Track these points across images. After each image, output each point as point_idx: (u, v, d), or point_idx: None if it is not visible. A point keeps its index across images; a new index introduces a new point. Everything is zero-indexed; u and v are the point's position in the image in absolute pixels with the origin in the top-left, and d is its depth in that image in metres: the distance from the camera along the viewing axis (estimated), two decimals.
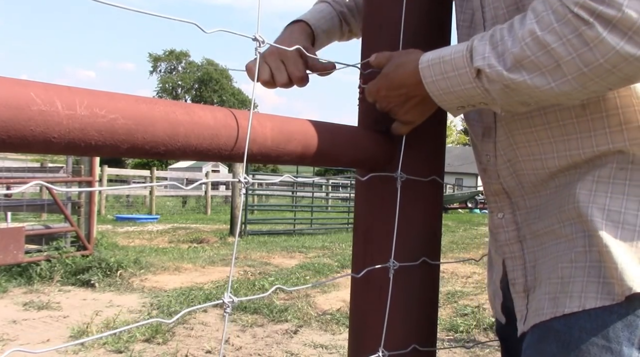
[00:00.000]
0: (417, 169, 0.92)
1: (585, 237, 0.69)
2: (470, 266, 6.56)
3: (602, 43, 0.55)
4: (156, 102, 0.63)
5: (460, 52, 0.69)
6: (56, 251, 5.23)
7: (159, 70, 61.10)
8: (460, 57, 0.68)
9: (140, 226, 10.96)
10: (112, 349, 3.18)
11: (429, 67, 0.72)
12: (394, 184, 0.91)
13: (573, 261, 0.70)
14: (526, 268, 0.80)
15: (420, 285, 0.94)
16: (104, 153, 0.60)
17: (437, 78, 0.71)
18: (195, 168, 30.73)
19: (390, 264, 0.89)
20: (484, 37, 0.67)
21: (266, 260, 6.46)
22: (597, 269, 0.67)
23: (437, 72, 0.71)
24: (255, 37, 0.71)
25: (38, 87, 0.52)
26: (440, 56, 0.71)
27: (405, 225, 0.92)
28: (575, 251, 0.70)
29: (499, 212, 0.85)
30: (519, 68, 0.62)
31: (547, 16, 0.58)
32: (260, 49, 0.71)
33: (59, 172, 6.75)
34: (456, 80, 0.69)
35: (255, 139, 0.72)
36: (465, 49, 0.68)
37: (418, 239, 0.94)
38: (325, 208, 14.36)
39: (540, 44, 0.59)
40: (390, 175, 0.90)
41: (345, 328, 3.68)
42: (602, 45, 0.55)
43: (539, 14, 0.60)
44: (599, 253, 0.67)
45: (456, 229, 12.31)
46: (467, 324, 3.83)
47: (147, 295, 4.54)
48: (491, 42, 0.65)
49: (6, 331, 3.47)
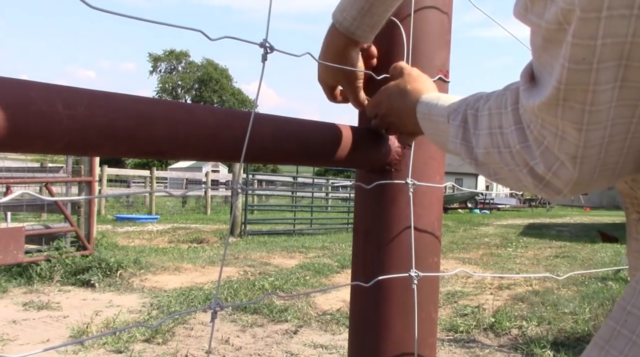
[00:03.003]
0: (417, 169, 0.92)
1: None
2: (470, 266, 6.56)
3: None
4: (156, 102, 0.63)
5: (442, 116, 0.68)
6: (56, 251, 5.22)
7: (159, 70, 61.09)
8: (443, 123, 0.68)
9: (140, 226, 10.96)
10: (112, 349, 3.18)
11: (423, 119, 0.73)
12: (393, 184, 0.91)
13: None
14: None
15: (420, 285, 0.94)
16: (104, 153, 0.60)
17: (430, 133, 0.72)
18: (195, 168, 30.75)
19: (413, 274, 0.89)
20: (458, 115, 0.64)
21: (266, 260, 6.46)
22: None
23: (428, 128, 0.72)
24: (262, 43, 0.70)
25: (38, 87, 0.52)
26: (430, 113, 0.71)
27: (406, 225, 0.92)
28: None
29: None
30: (483, 165, 0.61)
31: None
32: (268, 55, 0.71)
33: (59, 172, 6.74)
34: (442, 140, 0.69)
35: (255, 139, 0.72)
36: (446, 115, 0.67)
37: (419, 239, 0.94)
38: (325, 208, 14.36)
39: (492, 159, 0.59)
40: (400, 182, 0.90)
41: (345, 328, 3.68)
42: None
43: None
44: None
45: (456, 229, 12.32)
46: (467, 324, 3.83)
47: (147, 295, 4.54)
48: (464, 129, 0.63)
49: (6, 331, 3.46)
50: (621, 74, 0.41)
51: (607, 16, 0.39)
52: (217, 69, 60.93)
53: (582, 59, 0.41)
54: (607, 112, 0.43)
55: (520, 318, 3.97)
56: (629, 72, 0.41)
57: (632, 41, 0.39)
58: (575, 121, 0.44)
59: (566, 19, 0.41)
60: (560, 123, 0.45)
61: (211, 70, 60.17)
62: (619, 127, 0.44)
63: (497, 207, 25.10)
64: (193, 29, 0.64)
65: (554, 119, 0.46)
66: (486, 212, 21.50)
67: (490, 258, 7.39)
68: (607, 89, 0.42)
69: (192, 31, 0.64)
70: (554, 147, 0.48)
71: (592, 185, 0.48)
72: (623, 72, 0.41)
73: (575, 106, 0.44)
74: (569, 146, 0.46)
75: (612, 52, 0.40)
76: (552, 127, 0.47)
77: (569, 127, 0.45)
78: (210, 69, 60.29)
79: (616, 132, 0.44)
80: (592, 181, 0.47)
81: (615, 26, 0.39)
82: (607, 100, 0.42)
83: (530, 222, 15.48)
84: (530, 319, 3.91)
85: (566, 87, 0.43)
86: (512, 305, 4.42)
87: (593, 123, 0.43)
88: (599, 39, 0.40)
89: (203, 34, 0.64)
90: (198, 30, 0.64)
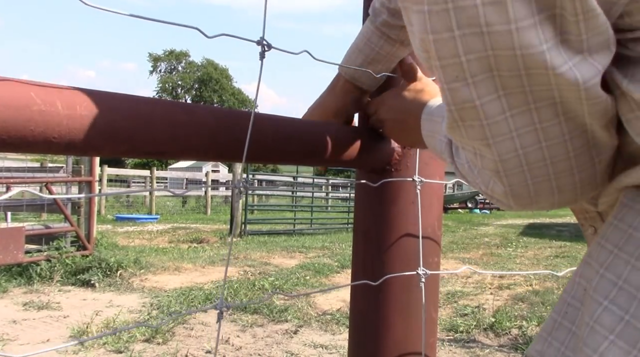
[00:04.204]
0: (418, 169, 0.92)
1: None
2: (470, 266, 6.55)
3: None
4: (156, 102, 0.63)
5: (440, 117, 0.68)
6: (56, 251, 5.22)
7: (159, 70, 61.08)
8: (438, 122, 0.68)
9: (140, 225, 10.96)
10: (112, 349, 3.18)
11: (424, 121, 0.73)
12: (393, 184, 0.91)
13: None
14: None
15: (420, 285, 0.94)
16: (104, 153, 0.60)
17: (426, 134, 0.72)
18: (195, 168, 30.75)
19: (420, 272, 0.89)
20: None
21: (266, 260, 6.46)
22: None
23: (427, 128, 0.72)
24: (260, 40, 0.70)
25: (38, 87, 0.52)
26: (431, 114, 0.71)
27: (406, 225, 0.92)
28: None
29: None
30: (461, 176, 0.61)
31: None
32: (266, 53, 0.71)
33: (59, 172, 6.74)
34: (435, 142, 0.69)
35: (255, 139, 0.72)
36: (442, 118, 0.66)
37: (418, 239, 0.94)
38: (325, 208, 14.35)
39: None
40: (406, 180, 0.90)
41: (345, 328, 3.68)
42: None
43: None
44: None
45: (456, 229, 12.31)
46: (467, 324, 3.83)
47: (147, 295, 4.54)
48: (448, 144, 0.63)
49: (6, 331, 3.46)
50: (499, 84, 0.42)
51: (460, 35, 0.41)
52: (217, 69, 60.92)
53: (456, 77, 0.43)
54: (506, 122, 0.44)
55: (521, 318, 3.97)
56: (505, 81, 0.42)
57: (494, 54, 0.41)
58: (480, 138, 0.46)
59: (426, 46, 0.43)
60: (470, 142, 0.47)
61: (211, 70, 60.16)
62: (528, 136, 0.45)
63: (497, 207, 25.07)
64: (190, 27, 0.64)
65: (463, 139, 0.48)
66: (486, 212, 21.51)
67: (491, 258, 7.39)
68: (493, 100, 0.43)
69: (192, 30, 0.64)
70: (479, 165, 0.49)
71: (539, 201, 0.49)
72: (499, 81, 0.42)
73: (473, 124, 0.45)
74: (489, 162, 0.47)
75: (480, 66, 0.42)
76: (469, 147, 0.49)
77: (479, 144, 0.47)
78: (210, 69, 60.28)
79: (527, 142, 0.45)
80: (531, 195, 0.48)
81: (472, 43, 0.41)
82: (498, 111, 0.44)
83: (530, 222, 15.47)
84: (530, 319, 3.91)
85: (456, 107, 0.45)
86: (512, 305, 4.42)
87: (497, 135, 0.45)
88: (462, 56, 0.41)
89: (200, 32, 0.64)
90: (195, 27, 0.64)
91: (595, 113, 0.44)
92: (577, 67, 0.41)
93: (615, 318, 0.43)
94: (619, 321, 0.42)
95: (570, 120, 0.44)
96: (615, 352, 0.42)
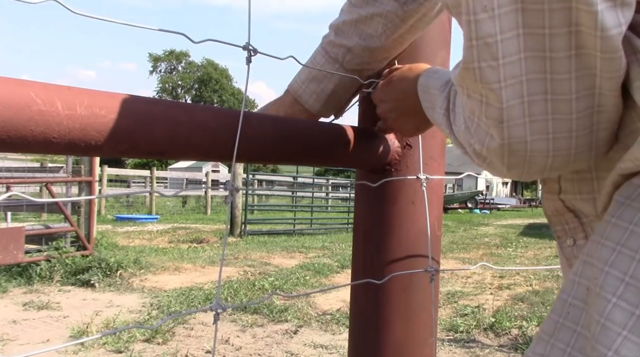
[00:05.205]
0: (417, 169, 0.92)
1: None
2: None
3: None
4: (156, 102, 0.63)
5: (436, 88, 0.68)
6: (56, 251, 5.22)
7: (159, 71, 61.05)
8: (435, 94, 0.68)
9: (140, 226, 10.96)
10: (112, 349, 3.18)
11: (421, 92, 0.73)
12: (393, 184, 0.91)
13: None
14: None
15: (419, 285, 0.94)
16: (104, 153, 0.60)
17: (426, 105, 0.72)
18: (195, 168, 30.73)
19: (429, 269, 0.89)
20: (446, 87, 0.65)
21: (266, 260, 6.46)
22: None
23: (424, 99, 0.72)
24: (246, 45, 0.70)
25: (38, 87, 0.52)
26: (427, 85, 0.71)
27: (406, 225, 0.92)
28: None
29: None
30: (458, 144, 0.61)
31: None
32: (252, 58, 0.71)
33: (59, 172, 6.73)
34: (433, 113, 0.69)
35: (255, 139, 0.72)
36: (439, 87, 0.67)
37: (419, 239, 0.94)
38: (325, 208, 14.35)
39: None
40: (406, 178, 0.90)
41: (345, 328, 3.68)
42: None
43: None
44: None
45: (456, 229, 12.31)
46: (467, 324, 3.83)
47: (147, 295, 4.54)
48: (447, 102, 0.64)
49: (6, 331, 3.46)
50: (521, 20, 0.43)
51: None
52: (217, 69, 60.89)
53: (484, 7, 0.44)
54: (519, 63, 0.44)
55: (520, 318, 3.97)
56: (527, 17, 0.43)
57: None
58: (492, 80, 0.46)
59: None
60: (481, 87, 0.47)
61: (211, 71, 60.14)
62: (536, 83, 0.45)
63: (497, 207, 25.09)
64: (176, 32, 0.64)
65: (474, 83, 0.48)
66: (486, 212, 21.50)
67: (491, 258, 7.39)
68: (512, 37, 0.44)
69: (191, 31, 0.64)
70: (481, 117, 0.49)
71: (532, 161, 0.49)
72: (522, 16, 0.43)
73: (489, 64, 0.45)
74: (494, 111, 0.47)
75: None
76: (476, 94, 0.48)
77: (488, 90, 0.47)
78: (210, 69, 60.25)
79: (534, 89, 0.45)
80: (527, 153, 0.48)
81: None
82: (515, 50, 0.44)
83: (530, 222, 15.47)
84: (530, 319, 3.91)
85: (478, 42, 0.45)
86: (512, 305, 4.42)
87: (508, 77, 0.45)
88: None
89: (186, 37, 0.64)
90: (181, 33, 0.64)
91: (607, 70, 0.44)
92: (604, 12, 0.41)
93: (626, 314, 0.43)
94: (630, 316, 0.43)
95: (582, 78, 0.45)
96: (630, 347, 0.42)
